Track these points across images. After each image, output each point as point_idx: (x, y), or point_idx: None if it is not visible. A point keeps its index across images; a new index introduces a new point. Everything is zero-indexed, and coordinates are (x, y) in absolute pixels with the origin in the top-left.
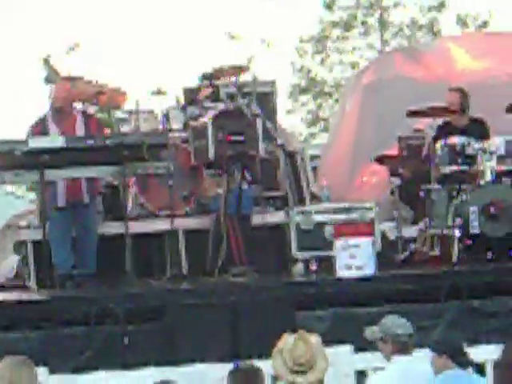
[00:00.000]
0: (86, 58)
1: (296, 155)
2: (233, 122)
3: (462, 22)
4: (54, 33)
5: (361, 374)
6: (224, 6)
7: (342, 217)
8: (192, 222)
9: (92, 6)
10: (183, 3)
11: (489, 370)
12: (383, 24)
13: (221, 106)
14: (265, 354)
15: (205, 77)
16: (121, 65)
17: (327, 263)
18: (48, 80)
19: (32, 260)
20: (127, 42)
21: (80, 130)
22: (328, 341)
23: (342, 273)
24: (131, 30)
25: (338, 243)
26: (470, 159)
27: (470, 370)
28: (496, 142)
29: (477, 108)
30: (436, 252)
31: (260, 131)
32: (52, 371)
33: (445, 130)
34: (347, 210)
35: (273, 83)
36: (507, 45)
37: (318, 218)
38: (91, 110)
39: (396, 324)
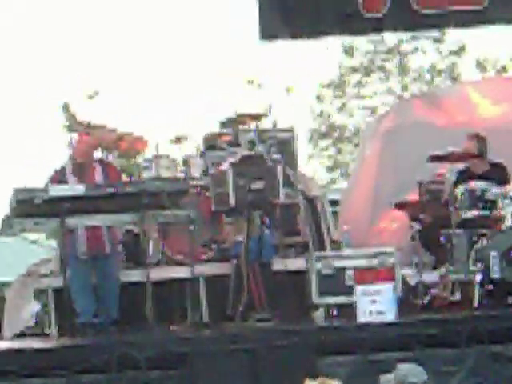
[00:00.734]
0: (107, 104)
1: (316, 201)
2: (253, 169)
3: (482, 66)
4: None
5: None
6: (244, 51)
7: (363, 262)
8: (212, 269)
9: (112, 53)
10: (203, 50)
11: None
12: (402, 69)
13: (241, 152)
14: None
15: (225, 123)
16: (142, 111)
17: (348, 309)
18: (69, 128)
19: (53, 308)
20: (148, 88)
21: (99, 178)
22: None
23: (363, 318)
24: (153, 77)
25: (359, 289)
26: (491, 204)
27: None
28: None
29: (497, 153)
30: (457, 297)
31: (280, 177)
32: None
33: (465, 175)
34: (368, 256)
35: (292, 129)
36: None
37: (339, 263)
38: (111, 157)
39: (411, 372)
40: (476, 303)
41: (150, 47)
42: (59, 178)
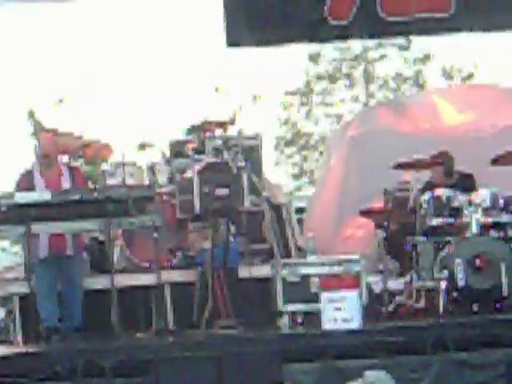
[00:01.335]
0: (72, 111)
1: (281, 208)
2: (219, 176)
3: (447, 74)
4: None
5: None
6: (210, 59)
7: (328, 269)
8: (178, 276)
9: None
10: (169, 56)
11: None
12: (368, 76)
13: (207, 159)
14: None
15: (191, 130)
16: (107, 118)
17: (313, 316)
18: (35, 134)
19: (18, 314)
20: (113, 94)
21: (65, 183)
22: None
23: (328, 325)
24: (117, 84)
25: (324, 296)
26: (456, 211)
27: None
28: (482, 195)
29: (462, 161)
30: (422, 304)
31: (246, 184)
32: None
33: (431, 186)
34: (333, 263)
35: (258, 136)
36: (491, 97)
37: (304, 270)
38: (76, 163)
39: (378, 379)
40: (441, 310)
41: (116, 52)
42: (27, 181)
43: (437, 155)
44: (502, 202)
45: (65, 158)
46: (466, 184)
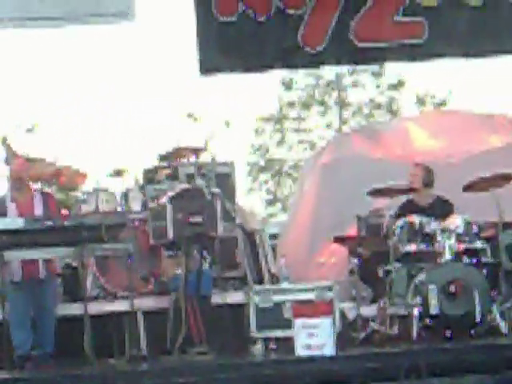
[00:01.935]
0: (46, 138)
1: (255, 234)
2: (192, 203)
3: (421, 100)
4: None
5: None
6: (183, 86)
7: (302, 296)
8: (151, 303)
9: (51, 86)
10: (142, 84)
11: None
12: (342, 103)
13: (180, 185)
14: None
15: (164, 157)
16: (80, 145)
17: (287, 342)
18: (7, 161)
19: None
20: (87, 121)
21: (38, 208)
22: None
23: (301, 352)
24: (91, 110)
25: (298, 322)
26: (429, 238)
27: None
28: (455, 221)
29: (435, 187)
30: (395, 331)
31: (219, 211)
32: None
33: (407, 209)
34: (306, 289)
35: (231, 164)
36: (464, 123)
37: (277, 297)
38: (49, 189)
39: None
40: (414, 337)
41: (88, 80)
42: None
43: (415, 165)
44: (475, 228)
45: (37, 185)
46: (444, 208)
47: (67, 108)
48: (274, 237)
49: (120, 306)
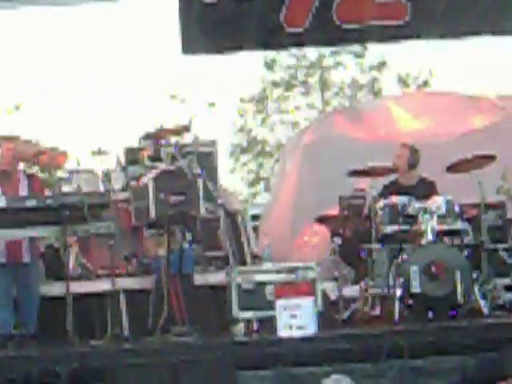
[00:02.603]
0: (28, 118)
1: (237, 215)
2: (174, 182)
3: (403, 81)
4: None
5: None
6: (166, 66)
7: (283, 276)
8: (133, 282)
9: (32, 66)
10: (125, 63)
11: None
12: (324, 84)
13: (162, 166)
14: None
15: (146, 137)
16: (62, 125)
17: (268, 323)
18: None
19: None
20: (68, 101)
21: (23, 190)
22: None
23: (283, 333)
24: (72, 90)
25: (279, 303)
26: (411, 219)
27: None
28: (437, 202)
29: (419, 168)
30: (377, 311)
31: (201, 191)
32: None
33: (390, 189)
34: (288, 270)
35: (214, 143)
36: (447, 104)
37: (259, 277)
38: (31, 170)
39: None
40: (396, 317)
41: (72, 59)
42: None
43: (403, 145)
44: (457, 209)
45: (21, 165)
46: (427, 190)
47: (49, 88)
48: (256, 217)
49: (102, 285)
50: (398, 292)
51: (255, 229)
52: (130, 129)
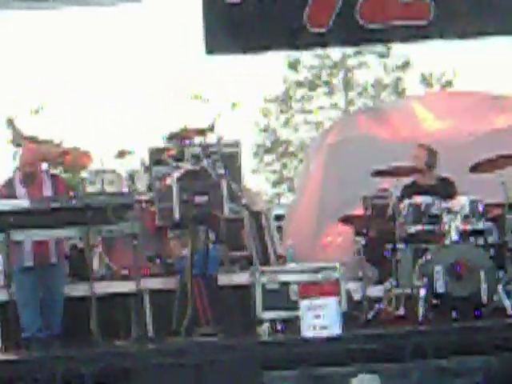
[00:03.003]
0: (52, 119)
1: (261, 215)
2: (198, 183)
3: (427, 81)
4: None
5: None
6: (190, 66)
7: (307, 277)
8: (157, 283)
9: (58, 66)
10: (149, 64)
11: None
12: (347, 84)
13: (186, 166)
14: None
15: (170, 137)
16: (86, 126)
17: (293, 323)
18: (14, 143)
19: None
20: (93, 102)
21: (47, 191)
22: None
23: (307, 333)
24: (97, 91)
25: (304, 303)
26: (435, 219)
27: None
28: (461, 202)
29: (440, 168)
30: (401, 312)
31: (225, 192)
32: None
33: (411, 190)
34: (312, 270)
35: (237, 144)
36: (470, 104)
37: (283, 277)
38: (55, 170)
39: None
40: (420, 317)
41: (96, 61)
42: (7, 191)
43: (420, 146)
44: (481, 209)
45: (44, 166)
46: (447, 190)
47: (74, 89)
48: (279, 218)
49: (126, 286)
50: (422, 292)
51: (279, 229)
52: (154, 129)
